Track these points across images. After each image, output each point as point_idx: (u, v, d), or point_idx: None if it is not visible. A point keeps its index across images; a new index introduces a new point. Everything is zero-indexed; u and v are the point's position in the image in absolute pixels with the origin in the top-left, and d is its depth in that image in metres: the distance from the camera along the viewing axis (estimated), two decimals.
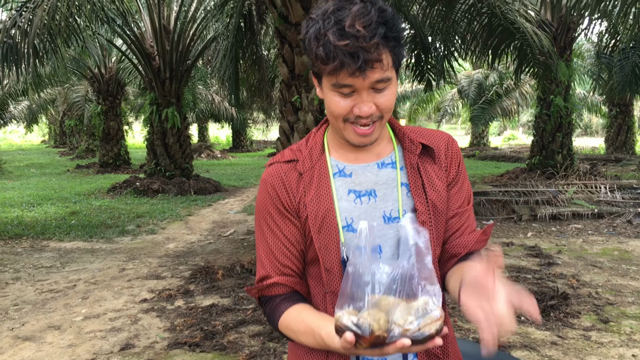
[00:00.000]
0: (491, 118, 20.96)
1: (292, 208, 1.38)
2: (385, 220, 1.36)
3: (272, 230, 1.40)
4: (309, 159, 1.41)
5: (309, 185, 1.38)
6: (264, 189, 1.42)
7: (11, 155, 26.67)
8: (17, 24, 7.49)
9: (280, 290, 1.39)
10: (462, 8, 8.91)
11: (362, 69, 1.18)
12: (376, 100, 1.25)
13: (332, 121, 1.33)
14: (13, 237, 8.26)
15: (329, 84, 1.25)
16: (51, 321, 4.85)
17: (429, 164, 1.41)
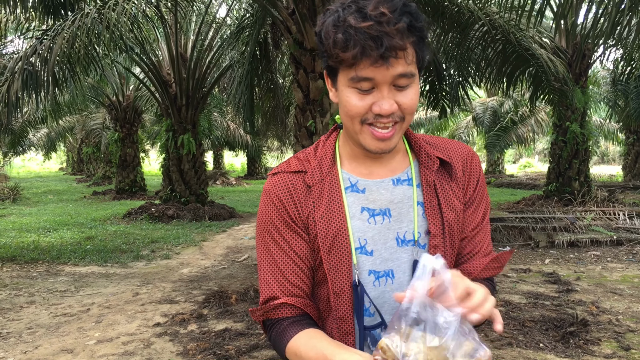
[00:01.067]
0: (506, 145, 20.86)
1: (300, 221, 1.26)
2: (399, 242, 1.26)
3: (279, 245, 1.27)
4: (319, 171, 1.29)
5: (319, 200, 1.26)
6: (268, 200, 1.29)
7: (29, 182, 26.99)
8: (37, 52, 7.64)
9: (289, 312, 1.26)
10: (476, 35, 8.95)
11: (386, 57, 1.07)
12: (398, 98, 1.14)
13: (347, 124, 1.21)
14: (29, 261, 8.31)
15: (345, 79, 1.14)
16: (64, 345, 4.83)
17: (446, 181, 1.31)
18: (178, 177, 13.62)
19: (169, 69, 13.31)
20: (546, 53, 9.22)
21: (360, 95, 1.13)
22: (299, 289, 1.26)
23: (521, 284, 6.62)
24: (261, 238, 1.31)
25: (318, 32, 1.17)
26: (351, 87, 1.14)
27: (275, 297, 1.25)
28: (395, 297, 1.03)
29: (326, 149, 1.32)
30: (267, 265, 1.28)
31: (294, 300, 1.25)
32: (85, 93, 16.47)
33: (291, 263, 1.25)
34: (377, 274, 1.26)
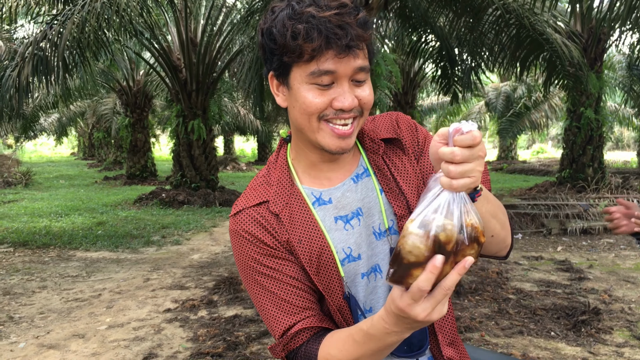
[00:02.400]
0: (519, 131, 20.69)
1: (282, 247, 1.20)
2: (377, 236, 1.25)
3: (271, 277, 1.20)
4: (281, 196, 1.23)
5: (291, 225, 1.20)
6: (240, 239, 1.22)
7: (41, 167, 27.17)
8: (47, 37, 7.62)
9: (308, 334, 1.20)
10: (489, 19, 8.82)
11: (351, 47, 1.04)
12: (357, 93, 1.11)
13: (303, 123, 1.14)
14: (41, 246, 8.36)
15: (303, 75, 1.08)
16: (76, 330, 4.86)
17: (398, 158, 1.28)
18: (188, 163, 13.62)
19: (179, 53, 13.26)
20: (561, 38, 9.08)
21: (319, 91, 1.09)
22: (309, 310, 1.20)
23: (533, 272, 6.57)
24: (249, 279, 1.23)
25: (266, 30, 1.11)
26: (310, 83, 1.09)
27: (290, 327, 1.19)
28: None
29: (280, 170, 1.27)
30: (267, 301, 1.21)
31: (309, 322, 1.19)
32: (96, 78, 16.46)
33: (291, 288, 1.20)
34: (366, 274, 1.25)
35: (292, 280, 1.19)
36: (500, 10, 8.02)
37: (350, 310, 1.22)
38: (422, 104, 24.59)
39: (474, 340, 4.41)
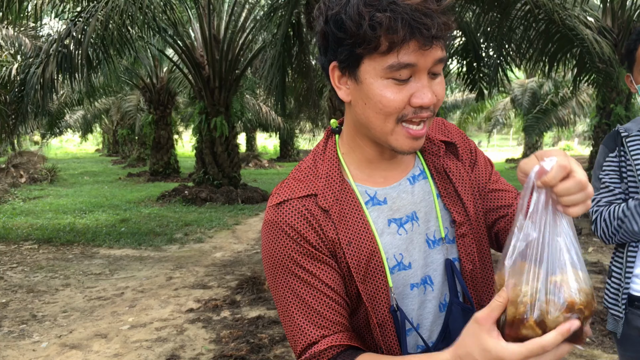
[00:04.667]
0: (546, 128, 20.31)
1: (325, 248, 1.07)
2: (430, 244, 1.14)
3: (306, 283, 1.06)
4: (330, 190, 1.10)
5: (341, 223, 1.08)
6: (279, 233, 1.07)
7: (66, 164, 27.49)
8: (71, 34, 7.62)
9: (335, 352, 1.05)
10: (518, 14, 8.61)
11: (437, 37, 0.94)
12: (434, 88, 1.02)
13: (376, 123, 1.03)
14: (65, 243, 8.39)
15: (379, 68, 0.97)
16: (98, 329, 4.83)
17: (453, 163, 1.20)
18: (211, 160, 13.61)
19: (202, 50, 13.24)
20: (591, 33, 8.83)
21: (397, 87, 0.98)
22: (340, 325, 1.06)
23: None
24: (279, 280, 1.08)
25: (333, 16, 0.98)
26: (386, 77, 0.98)
27: (316, 341, 1.05)
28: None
29: (329, 162, 1.14)
30: (296, 309, 1.06)
31: (339, 339, 1.05)
32: (120, 75, 16.55)
33: (325, 299, 1.06)
34: (416, 285, 1.13)
35: (329, 289, 1.06)
36: (530, 5, 7.81)
37: (395, 325, 1.10)
38: (445, 100, 24.32)
39: None
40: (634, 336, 1.96)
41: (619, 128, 2.06)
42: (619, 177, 2.02)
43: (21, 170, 18.04)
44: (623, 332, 1.97)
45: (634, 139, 1.98)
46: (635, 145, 1.97)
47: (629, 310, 1.97)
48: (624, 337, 1.98)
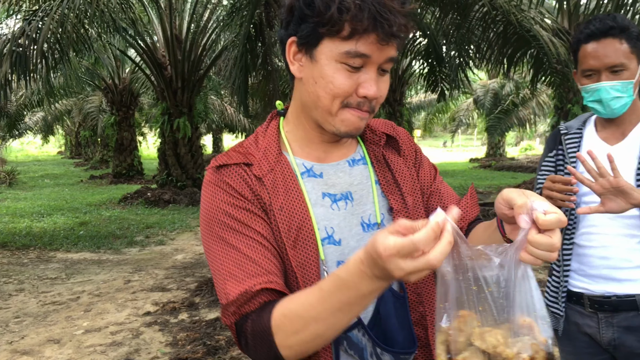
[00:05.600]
0: (507, 128, 20.66)
1: (258, 204, 1.08)
2: (364, 227, 1.15)
3: (239, 232, 1.05)
4: (265, 160, 1.13)
5: (274, 190, 1.09)
6: (217, 190, 1.09)
7: (27, 166, 26.86)
8: (25, 33, 7.44)
9: (268, 297, 1.01)
10: (476, 16, 8.73)
11: (395, 35, 0.98)
12: (379, 84, 1.06)
13: (322, 103, 1.05)
14: (20, 247, 8.19)
15: (336, 51, 1.01)
16: (51, 334, 4.73)
17: (393, 155, 1.24)
18: (174, 161, 13.46)
19: (163, 51, 13.09)
20: (547, 35, 9.01)
21: (347, 73, 1.02)
22: (274, 275, 1.03)
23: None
24: (212, 236, 1.07)
25: None
26: (340, 61, 1.01)
27: (249, 288, 1.00)
28: None
29: (269, 138, 1.17)
30: (228, 259, 1.04)
31: (273, 285, 1.01)
32: (81, 76, 16.24)
33: (259, 246, 1.04)
34: None
35: (263, 239, 1.05)
36: (487, 7, 7.94)
37: None
38: (410, 102, 24.54)
39: None
40: (573, 331, 1.99)
41: (560, 126, 2.10)
42: None
43: None
44: (563, 328, 2.01)
45: (572, 137, 2.01)
46: (572, 143, 2.00)
47: (568, 305, 2.00)
48: (564, 332, 2.01)
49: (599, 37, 1.82)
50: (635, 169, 1.85)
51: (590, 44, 1.84)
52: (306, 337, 0.95)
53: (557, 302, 2.02)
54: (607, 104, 1.84)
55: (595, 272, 1.90)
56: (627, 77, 1.82)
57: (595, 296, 1.89)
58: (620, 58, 1.80)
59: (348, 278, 0.88)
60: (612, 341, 1.89)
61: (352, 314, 0.92)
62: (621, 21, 1.81)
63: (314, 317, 0.93)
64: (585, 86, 1.88)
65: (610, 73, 1.82)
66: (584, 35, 1.86)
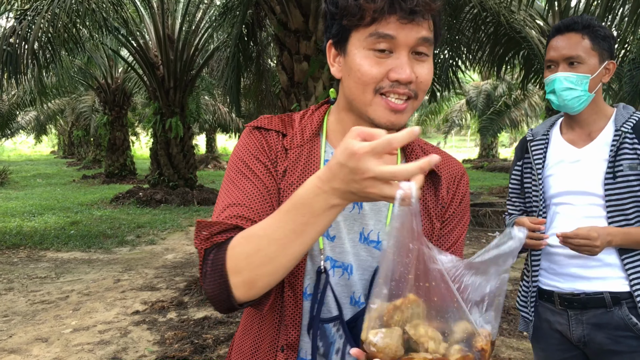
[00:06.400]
0: (499, 129, 20.73)
1: (272, 169, 1.12)
2: (361, 238, 1.13)
3: (246, 178, 1.09)
4: (300, 136, 1.15)
5: (294, 166, 1.12)
6: (246, 142, 1.15)
7: (19, 166, 26.75)
8: (16, 32, 7.43)
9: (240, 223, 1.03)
10: (467, 17, 8.78)
11: (416, 12, 0.96)
12: (416, 69, 1.01)
13: (356, 94, 1.05)
14: (10, 246, 8.17)
15: (361, 39, 1.00)
16: (39, 333, 4.73)
17: (428, 193, 1.18)
18: (166, 161, 13.46)
19: (156, 51, 13.08)
20: (537, 36, 9.07)
21: (376, 59, 1.00)
22: (258, 219, 1.03)
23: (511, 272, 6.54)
24: (227, 174, 1.14)
25: None
26: (367, 48, 1.00)
27: (226, 220, 1.02)
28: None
29: (313, 118, 1.18)
30: (227, 194, 1.09)
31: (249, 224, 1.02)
32: (73, 75, 16.19)
33: (258, 194, 1.07)
34: (334, 262, 1.13)
35: (265, 190, 1.08)
36: (477, 8, 7.98)
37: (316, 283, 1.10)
38: None
39: None
40: (545, 328, 2.03)
41: (527, 132, 2.14)
42: (520, 188, 2.11)
43: None
44: (535, 326, 2.05)
45: (537, 144, 2.06)
46: (538, 150, 2.04)
47: (539, 303, 2.04)
48: (536, 330, 2.05)
49: (563, 31, 1.89)
50: (604, 172, 1.87)
51: (555, 37, 1.91)
52: (257, 259, 0.94)
53: (527, 305, 2.06)
54: (560, 94, 1.88)
55: (565, 270, 1.94)
56: (584, 71, 1.86)
57: (564, 294, 1.93)
58: (577, 50, 1.86)
59: (304, 194, 0.89)
60: (582, 338, 1.92)
61: (305, 237, 0.91)
62: (587, 19, 1.87)
63: (268, 235, 0.93)
64: (546, 78, 1.95)
65: (567, 65, 1.88)
66: (552, 31, 1.95)
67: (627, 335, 1.84)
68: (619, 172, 1.84)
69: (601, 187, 1.86)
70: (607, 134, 1.91)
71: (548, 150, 2.02)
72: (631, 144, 1.85)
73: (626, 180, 1.83)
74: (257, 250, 0.93)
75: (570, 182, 1.92)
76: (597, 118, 1.95)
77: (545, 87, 1.96)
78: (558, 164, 1.97)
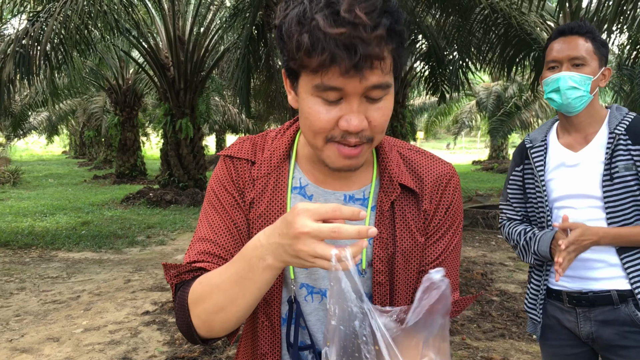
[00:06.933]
0: (510, 130, 20.64)
1: (240, 200, 1.11)
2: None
3: (216, 211, 1.11)
4: (267, 163, 1.13)
5: (260, 197, 1.10)
6: (218, 171, 1.16)
7: (31, 166, 26.98)
8: (29, 34, 7.51)
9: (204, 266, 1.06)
10: (477, 18, 8.76)
11: (359, 68, 0.88)
12: (369, 113, 0.95)
13: (308, 138, 1.01)
14: (22, 246, 8.25)
15: (309, 85, 0.93)
16: (51, 333, 4.77)
17: (409, 208, 1.12)
18: (176, 162, 13.53)
19: (166, 52, 13.16)
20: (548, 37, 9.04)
21: (325, 107, 0.94)
22: (224, 260, 1.06)
23: (517, 273, 6.52)
24: (203, 203, 1.17)
25: (278, 26, 0.95)
26: (315, 95, 0.94)
27: (196, 260, 1.07)
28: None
29: (283, 139, 1.15)
30: (200, 227, 1.12)
31: (214, 267, 1.04)
32: (85, 76, 16.33)
33: (226, 231, 1.09)
34: (310, 289, 1.12)
35: (233, 226, 1.10)
36: (488, 9, 7.96)
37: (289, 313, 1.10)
38: (413, 103, 24.55)
39: (455, 344, 4.35)
40: (553, 325, 2.08)
41: (525, 139, 2.17)
42: (522, 193, 2.14)
43: None
44: (543, 324, 2.08)
45: (537, 150, 2.09)
46: (539, 157, 2.08)
47: (548, 301, 2.09)
48: (544, 327, 2.09)
49: (567, 34, 1.94)
50: (601, 174, 1.92)
51: (558, 39, 1.96)
52: (209, 307, 0.98)
53: (536, 306, 2.09)
54: (564, 92, 1.92)
55: (573, 272, 1.99)
56: (587, 72, 1.92)
57: (573, 292, 1.98)
58: (582, 52, 1.91)
59: (247, 247, 0.93)
60: (590, 334, 1.98)
61: (245, 291, 0.93)
62: (589, 25, 1.94)
63: (217, 285, 0.96)
64: (547, 78, 1.99)
65: (571, 65, 1.92)
66: (554, 33, 1.98)
67: (634, 331, 1.90)
68: (616, 173, 1.88)
69: (599, 189, 1.91)
70: (602, 136, 1.96)
71: (547, 158, 2.06)
72: (625, 145, 1.89)
73: (623, 181, 1.88)
74: (209, 298, 0.97)
75: (570, 185, 1.97)
76: (592, 121, 1.99)
77: (545, 87, 2.01)
78: (557, 169, 2.02)
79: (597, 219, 1.92)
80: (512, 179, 2.17)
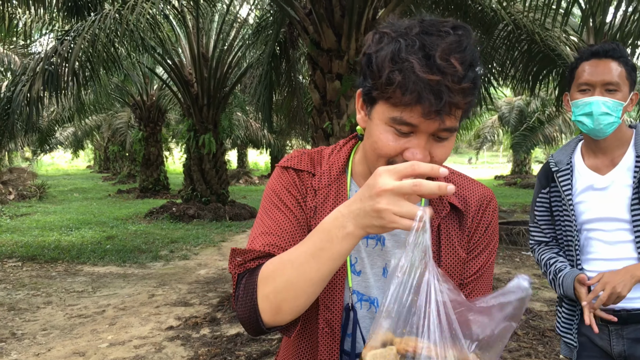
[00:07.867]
0: (532, 145, 20.46)
1: (303, 204, 1.18)
2: (384, 273, 1.18)
3: (279, 209, 1.17)
4: (327, 175, 1.21)
5: (323, 206, 1.17)
6: (279, 176, 1.22)
7: (57, 180, 27.41)
8: (58, 52, 7.68)
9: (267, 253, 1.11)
10: (500, 34, 8.76)
11: (440, 112, 0.95)
12: (433, 150, 1.02)
13: (370, 158, 1.09)
14: (49, 260, 8.37)
15: (386, 115, 1.01)
16: (77, 347, 4.83)
17: (453, 227, 1.20)
18: (199, 177, 13.65)
19: (190, 69, 13.34)
20: (572, 53, 8.97)
21: (395, 136, 1.02)
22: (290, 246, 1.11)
23: (543, 291, 6.44)
24: (261, 206, 1.22)
25: (368, 55, 1.02)
26: (389, 125, 1.01)
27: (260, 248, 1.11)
28: None
29: (340, 155, 1.24)
30: (260, 224, 1.17)
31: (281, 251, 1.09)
32: (110, 92, 16.63)
33: (289, 223, 1.15)
34: (361, 296, 1.19)
35: (295, 220, 1.15)
36: (511, 25, 7.95)
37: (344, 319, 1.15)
38: None
39: None
40: (585, 342, 2.07)
41: (549, 161, 2.15)
42: (550, 215, 2.13)
43: (10, 187, 17.98)
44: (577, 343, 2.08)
45: (564, 174, 2.08)
46: (566, 180, 2.06)
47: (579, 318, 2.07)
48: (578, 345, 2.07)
49: (601, 56, 1.91)
50: (629, 197, 1.91)
51: (591, 61, 1.92)
52: (280, 284, 1.00)
53: (571, 331, 2.07)
54: (597, 118, 1.89)
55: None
56: (619, 98, 1.90)
57: (605, 311, 1.96)
58: (615, 77, 1.89)
59: (326, 220, 0.96)
60: (623, 352, 1.97)
61: (319, 262, 0.96)
62: (623, 49, 1.92)
63: (290, 260, 0.99)
64: (577, 100, 1.96)
65: (604, 90, 1.90)
66: (586, 54, 1.96)
67: None
68: None
69: (627, 212, 1.91)
70: (629, 158, 1.95)
71: (574, 181, 2.05)
72: None
73: None
74: (281, 275, 1.00)
75: (599, 208, 1.97)
76: (619, 144, 1.98)
77: (574, 109, 1.97)
78: (586, 191, 2.01)
79: (625, 241, 1.93)
80: (539, 201, 2.16)
